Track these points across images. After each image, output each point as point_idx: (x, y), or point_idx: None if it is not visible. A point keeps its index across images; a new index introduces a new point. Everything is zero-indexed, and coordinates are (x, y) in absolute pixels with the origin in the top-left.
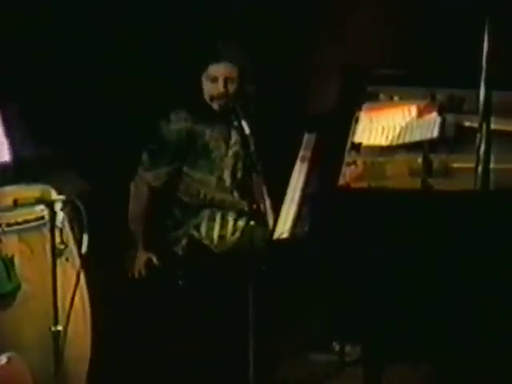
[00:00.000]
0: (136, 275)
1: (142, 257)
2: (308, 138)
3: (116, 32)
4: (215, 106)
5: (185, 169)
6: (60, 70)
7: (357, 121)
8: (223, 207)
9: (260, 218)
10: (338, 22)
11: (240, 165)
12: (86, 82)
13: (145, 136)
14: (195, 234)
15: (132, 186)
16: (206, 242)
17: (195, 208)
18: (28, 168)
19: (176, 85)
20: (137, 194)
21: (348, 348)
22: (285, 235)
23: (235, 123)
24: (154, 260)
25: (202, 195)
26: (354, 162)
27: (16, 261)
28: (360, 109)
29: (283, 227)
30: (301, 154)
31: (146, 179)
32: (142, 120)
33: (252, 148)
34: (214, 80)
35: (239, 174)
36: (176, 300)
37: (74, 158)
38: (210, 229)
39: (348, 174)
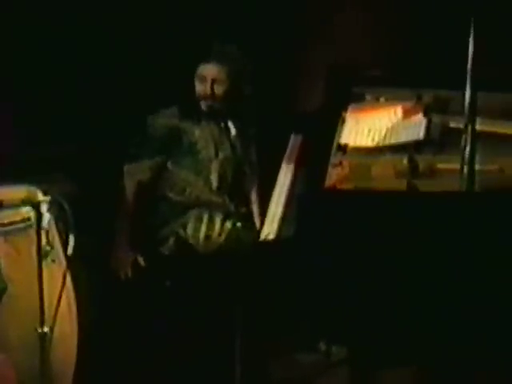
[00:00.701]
0: (122, 276)
1: (128, 257)
2: (294, 139)
3: (113, 31)
4: (203, 105)
5: (169, 165)
6: (49, 68)
7: (343, 122)
8: (210, 208)
9: (248, 219)
10: (325, 22)
11: (229, 168)
12: (77, 80)
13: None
14: (182, 232)
15: (120, 184)
16: (192, 241)
17: (183, 207)
18: (14, 168)
19: (170, 83)
20: (124, 189)
21: (334, 348)
22: (271, 236)
23: (222, 124)
24: (141, 260)
25: (187, 194)
26: (340, 163)
27: (2, 262)
28: (346, 110)
29: (270, 228)
30: (287, 155)
31: (129, 172)
32: (134, 119)
33: (239, 150)
34: (203, 80)
35: (229, 177)
36: (163, 300)
37: (62, 159)
38: (197, 229)
39: (334, 176)
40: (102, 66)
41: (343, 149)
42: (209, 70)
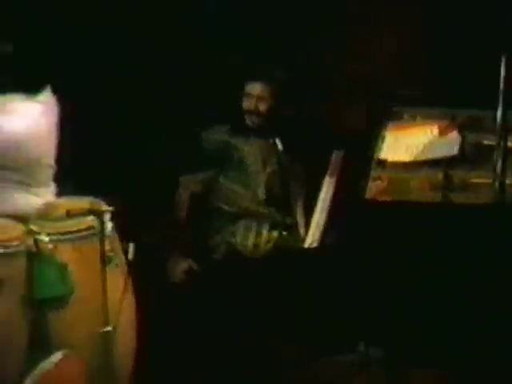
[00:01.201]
0: (177, 281)
1: (182, 263)
2: (336, 155)
3: (169, 47)
4: (248, 120)
5: (221, 179)
6: (101, 84)
7: (383, 139)
8: (258, 218)
9: (293, 229)
10: (364, 44)
11: (276, 181)
12: (137, 97)
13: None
14: (232, 240)
15: (176, 195)
16: (241, 249)
17: (233, 217)
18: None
19: (223, 101)
20: (179, 201)
21: (372, 349)
22: (315, 244)
23: (270, 141)
24: (194, 266)
25: (236, 205)
26: (380, 177)
27: (70, 267)
28: (386, 128)
29: (313, 237)
30: (330, 169)
31: (183, 183)
32: (189, 135)
33: (286, 165)
34: (249, 97)
35: (275, 190)
36: (214, 302)
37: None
38: (246, 238)
39: (374, 188)
40: (164, 85)
41: (382, 164)
42: (254, 88)
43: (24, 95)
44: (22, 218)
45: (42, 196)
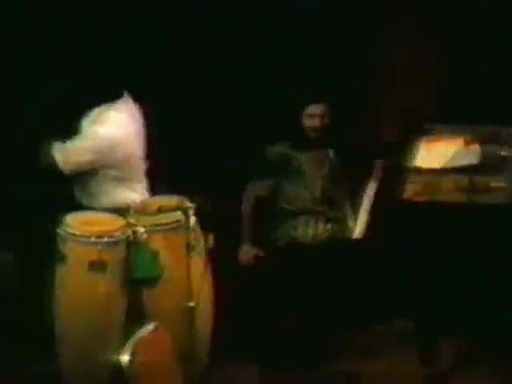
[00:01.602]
0: (246, 264)
1: (250, 251)
2: (378, 163)
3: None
4: (312, 135)
5: (283, 183)
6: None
7: (417, 150)
8: (314, 214)
9: (343, 223)
10: (398, 69)
11: (329, 183)
12: (217, 113)
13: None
14: (293, 233)
15: (244, 196)
16: (302, 239)
17: (293, 213)
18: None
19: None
20: (246, 201)
21: (405, 322)
22: (360, 236)
23: (323, 150)
24: (261, 253)
25: (296, 204)
26: (415, 182)
27: (161, 253)
28: (420, 141)
29: (359, 230)
30: (372, 175)
31: (253, 190)
32: (253, 146)
33: (337, 171)
34: (312, 117)
35: (328, 191)
36: (279, 285)
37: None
38: (305, 230)
39: (410, 191)
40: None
41: (417, 170)
42: (317, 109)
43: (108, 104)
44: (121, 212)
45: (136, 190)
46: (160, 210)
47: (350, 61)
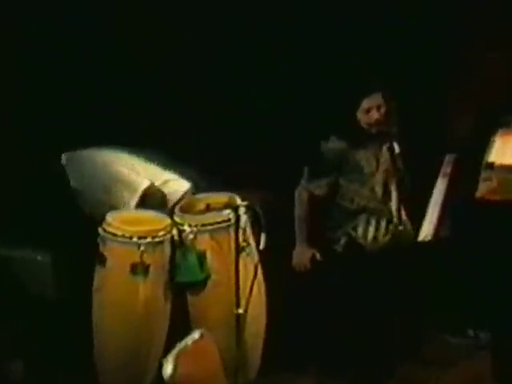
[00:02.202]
0: (302, 269)
1: (306, 253)
2: (449, 158)
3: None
4: (374, 130)
5: (341, 180)
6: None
7: (492, 144)
8: (376, 213)
9: (407, 223)
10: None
11: (390, 179)
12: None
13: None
14: (353, 233)
15: (296, 194)
16: (362, 241)
17: (353, 212)
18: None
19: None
20: (300, 200)
21: (481, 333)
22: (428, 237)
23: (390, 144)
24: (317, 256)
25: (355, 202)
26: (489, 178)
27: (207, 255)
28: (495, 134)
29: (427, 231)
30: (443, 170)
31: (308, 189)
32: (306, 143)
33: (400, 166)
34: (369, 110)
35: (390, 187)
36: (334, 289)
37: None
38: (366, 230)
39: (484, 188)
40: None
41: (491, 166)
42: (372, 101)
43: None
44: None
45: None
46: (208, 208)
47: (417, 50)
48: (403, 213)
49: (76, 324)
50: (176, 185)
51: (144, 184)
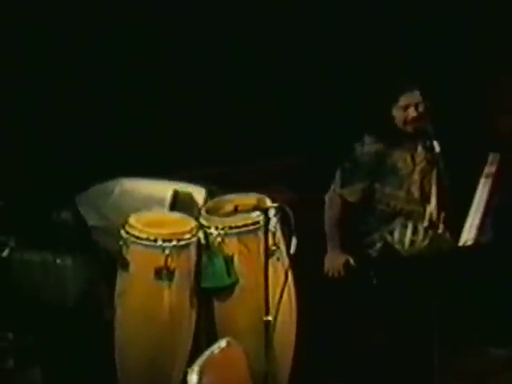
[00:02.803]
0: (335, 274)
1: (340, 258)
2: (493, 157)
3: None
4: (410, 129)
5: (376, 184)
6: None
7: None
8: (413, 216)
9: (448, 226)
10: None
11: (427, 179)
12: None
13: (339, 156)
14: (389, 238)
15: (326, 199)
16: (398, 246)
17: (388, 216)
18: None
19: (367, 114)
20: (331, 205)
21: None
22: (470, 242)
23: (427, 142)
24: (351, 261)
25: (392, 205)
26: None
27: (235, 259)
28: None
29: (468, 235)
30: (486, 170)
31: (342, 194)
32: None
33: (441, 165)
34: (407, 108)
35: (427, 188)
36: (369, 297)
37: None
38: (403, 235)
39: None
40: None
41: None
42: (410, 98)
43: None
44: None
45: None
46: (236, 210)
47: (456, 48)
48: (443, 215)
49: (97, 331)
50: (194, 192)
51: (169, 191)
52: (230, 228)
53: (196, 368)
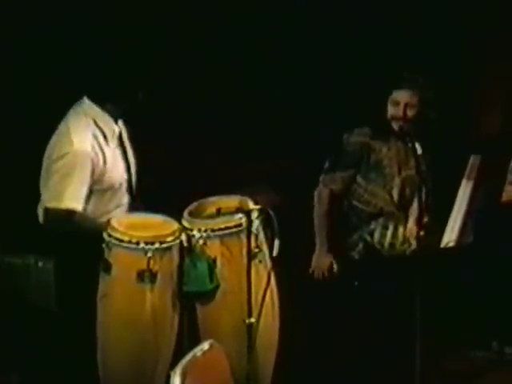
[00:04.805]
0: (320, 276)
1: (325, 259)
2: (474, 159)
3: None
4: (395, 126)
5: (358, 178)
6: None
7: None
8: (393, 218)
9: (428, 229)
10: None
11: (411, 185)
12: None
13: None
14: (368, 238)
15: (315, 193)
16: (378, 247)
17: (369, 216)
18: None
19: (363, 105)
20: (319, 199)
21: (507, 348)
22: (452, 244)
23: (409, 144)
24: (335, 265)
25: (372, 204)
26: None
27: (218, 261)
28: None
29: (450, 237)
30: (467, 172)
31: (324, 182)
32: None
33: (423, 168)
34: (396, 104)
35: (408, 194)
36: (351, 298)
37: (267, 171)
38: (383, 236)
39: (511, 192)
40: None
41: None
42: (402, 96)
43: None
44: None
45: None
46: (219, 212)
47: (443, 49)
48: (424, 219)
49: (79, 334)
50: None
51: None
52: (213, 231)
53: (178, 371)
